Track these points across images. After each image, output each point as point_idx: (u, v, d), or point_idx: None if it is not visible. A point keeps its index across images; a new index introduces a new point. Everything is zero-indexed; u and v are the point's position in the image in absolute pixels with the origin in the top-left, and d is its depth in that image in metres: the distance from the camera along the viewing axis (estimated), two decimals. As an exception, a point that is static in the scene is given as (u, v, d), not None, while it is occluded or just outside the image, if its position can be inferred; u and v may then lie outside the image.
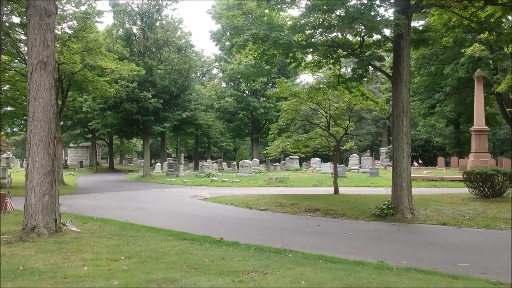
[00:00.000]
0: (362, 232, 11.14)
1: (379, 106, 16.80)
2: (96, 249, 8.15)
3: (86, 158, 55.62)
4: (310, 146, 19.34)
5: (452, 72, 30.51)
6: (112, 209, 16.21)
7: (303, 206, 15.59)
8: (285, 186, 25.06)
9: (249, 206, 16.50)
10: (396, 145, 12.87)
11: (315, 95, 17.06)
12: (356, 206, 14.73)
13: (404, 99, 12.71)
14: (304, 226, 12.06)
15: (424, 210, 13.39)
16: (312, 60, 16.80)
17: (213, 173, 32.26)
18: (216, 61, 47.43)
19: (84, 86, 26.82)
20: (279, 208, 15.81)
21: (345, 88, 15.90)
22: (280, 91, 17.66)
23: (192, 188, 26.19)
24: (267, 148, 19.70)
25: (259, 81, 40.69)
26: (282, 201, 16.73)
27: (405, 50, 12.67)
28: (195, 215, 14.38)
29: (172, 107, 36.74)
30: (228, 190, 24.04)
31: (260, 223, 12.79)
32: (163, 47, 35.04)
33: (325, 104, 18.21)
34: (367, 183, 24.58)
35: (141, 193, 23.03)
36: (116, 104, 32.84)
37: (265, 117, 42.05)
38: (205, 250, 8.63)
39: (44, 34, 9.08)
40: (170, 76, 34.83)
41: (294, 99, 18.29)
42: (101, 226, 11.73)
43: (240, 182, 27.46)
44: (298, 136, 18.77)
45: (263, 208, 15.95)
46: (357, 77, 13.77)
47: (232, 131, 47.05)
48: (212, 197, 19.91)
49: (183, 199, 19.47)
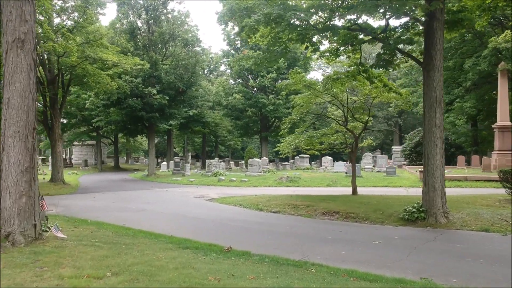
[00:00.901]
0: (393, 239, 9.62)
1: (403, 98, 15.23)
2: (79, 262, 6.76)
3: (91, 156, 54.56)
4: (325, 142, 17.84)
5: (473, 65, 28.77)
6: (110, 210, 14.85)
7: (319, 208, 14.09)
8: (297, 186, 23.56)
9: (259, 208, 15.05)
10: (428, 139, 11.32)
11: (332, 87, 15.54)
12: (379, 208, 13.20)
13: (437, 87, 11.16)
14: (324, 232, 10.57)
15: (459, 213, 11.82)
16: (329, 48, 15.29)
17: (221, 172, 30.86)
18: (224, 57, 46.01)
19: (85, 81, 25.58)
20: (292, 210, 14.33)
21: (366, 78, 14.37)
22: (293, 83, 16.16)
23: (198, 187, 24.80)
24: (279, 145, 18.22)
25: (268, 77, 39.24)
26: (295, 203, 15.25)
27: (439, 32, 11.12)
28: (200, 218, 12.96)
29: (178, 103, 35.38)
30: (237, 190, 22.61)
31: (273, 227, 11.32)
32: (169, 41, 33.70)
33: (342, 97, 16.70)
34: (385, 183, 22.98)
35: (143, 193, 21.68)
36: (120, 100, 31.58)
37: (274, 114, 40.55)
38: (210, 262, 7.20)
39: (21, 6, 7.69)
40: (176, 71, 33.47)
41: (308, 91, 16.79)
42: (93, 231, 10.35)
43: (249, 182, 26.01)
44: (312, 132, 17.27)
45: (275, 210, 14.48)
46: (383, 64, 12.24)
47: (240, 129, 45.58)
48: (220, 198, 18.50)
49: (188, 200, 18.08)
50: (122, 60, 25.05)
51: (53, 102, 25.76)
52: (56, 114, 25.76)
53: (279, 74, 40.12)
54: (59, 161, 26.06)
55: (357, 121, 16.80)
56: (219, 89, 42.02)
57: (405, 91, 15.24)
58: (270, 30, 12.69)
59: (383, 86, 14.75)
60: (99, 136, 48.21)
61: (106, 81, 24.24)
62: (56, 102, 25.82)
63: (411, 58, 12.86)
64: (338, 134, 17.74)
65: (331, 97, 16.77)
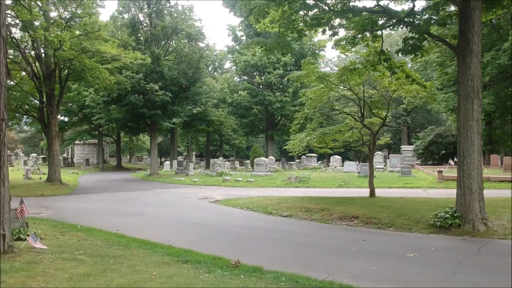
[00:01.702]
0: (429, 251, 8.20)
1: (427, 91, 13.79)
2: (53, 283, 5.43)
3: (93, 156, 53.31)
4: (339, 140, 16.43)
5: (492, 60, 27.19)
6: (105, 214, 13.53)
7: (335, 212, 12.70)
8: (307, 187, 22.16)
9: (269, 212, 13.67)
10: (464, 135, 9.89)
11: (348, 78, 14.12)
12: (404, 213, 11.78)
13: (474, 75, 9.73)
14: (345, 241, 9.17)
15: (498, 219, 10.39)
16: (345, 36, 13.87)
17: (225, 172, 29.50)
18: (228, 53, 44.63)
19: (83, 75, 24.30)
20: (306, 214, 12.94)
21: (387, 68, 12.96)
22: (305, 74, 14.74)
23: (202, 188, 23.46)
24: (288, 143, 16.83)
25: (275, 73, 37.81)
26: (308, 206, 13.86)
27: (476, 12, 9.69)
28: (203, 223, 11.60)
29: (181, 100, 34.06)
30: (243, 191, 21.25)
31: (287, 235, 9.93)
32: (172, 36, 32.37)
33: (358, 90, 15.28)
34: (400, 184, 21.51)
35: (143, 194, 20.37)
36: (121, 97, 30.29)
37: (281, 112, 39.10)
38: (215, 282, 5.85)
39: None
40: (179, 67, 32.13)
41: (320, 84, 15.38)
42: (81, 239, 9.03)
43: (255, 182, 24.64)
44: (326, 129, 15.85)
45: (286, 214, 13.10)
46: (410, 49, 10.79)
47: (246, 127, 44.13)
48: (225, 200, 17.14)
49: (191, 202, 16.73)
50: (122, 54, 23.76)
51: (50, 98, 24.50)
52: (53, 110, 24.50)
53: (285, 70, 38.67)
54: (56, 160, 24.81)
55: (375, 116, 15.37)
56: (224, 86, 40.61)
57: (429, 84, 13.78)
58: (282, 13, 11.30)
59: (405, 78, 13.32)
60: (100, 134, 47.02)
61: (105, 76, 22.94)
62: (53, 98, 24.56)
63: (443, 43, 11.45)
64: (353, 131, 16.34)
65: (346, 90, 15.36)
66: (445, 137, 34.18)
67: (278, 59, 38.06)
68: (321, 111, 15.92)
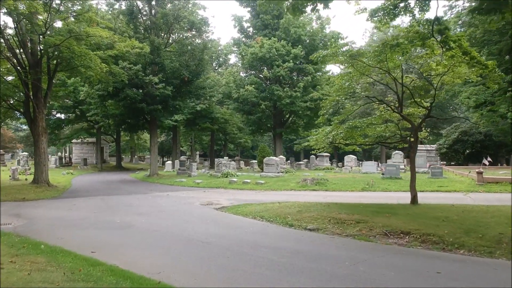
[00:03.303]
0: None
1: (488, 72, 11.01)
2: None
3: (92, 155, 50.68)
4: (371, 135, 13.68)
5: (529, 47, 24.28)
6: (85, 226, 10.84)
7: (376, 225, 9.95)
8: (325, 190, 19.43)
9: (289, 223, 10.93)
10: None
11: (387, 58, 11.36)
12: (470, 228, 9.00)
13: None
14: (410, 274, 6.41)
15: None
16: (382, 6, 11.13)
17: (232, 173, 26.82)
18: (234, 45, 41.89)
19: (73, 64, 21.69)
20: (337, 227, 10.20)
21: (440, 43, 10.20)
22: (331, 54, 11.99)
23: (206, 191, 20.78)
24: (310, 139, 14.06)
25: (284, 66, 35.02)
26: (338, 216, 11.12)
27: None
28: (207, 242, 8.87)
29: (183, 95, 31.37)
30: (252, 195, 18.56)
31: (324, 263, 7.17)
32: (174, 25, 29.67)
33: (397, 74, 12.54)
34: (434, 187, 18.71)
35: (139, 198, 17.68)
36: (117, 91, 27.64)
37: (291, 108, 36.28)
38: None
39: None
40: (180, 58, 29.44)
41: (348, 69, 12.62)
42: (34, 270, 6.33)
43: (266, 184, 21.91)
44: (355, 121, 13.09)
45: (312, 227, 10.36)
46: (490, 10, 7.93)
47: (252, 125, 41.34)
48: (233, 206, 14.44)
49: (193, 209, 14.01)
50: (116, 39, 21.13)
51: (36, 90, 21.92)
52: (39, 104, 21.91)
53: (296, 63, 35.93)
54: (43, 159, 22.18)
55: (418, 105, 12.58)
56: (230, 79, 37.84)
57: (491, 63, 11.01)
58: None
59: (462, 55, 10.55)
60: (99, 133, 44.47)
61: (96, 63, 20.27)
62: (39, 90, 21.97)
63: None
64: (387, 125, 13.58)
65: (382, 74, 12.62)
66: (471, 135, 31.34)
67: (288, 51, 35.27)
68: (353, 98, 13.14)
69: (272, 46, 34.84)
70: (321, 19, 39.09)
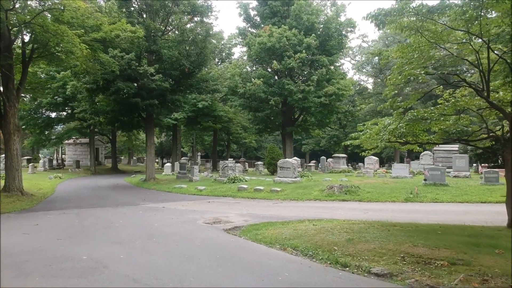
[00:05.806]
0: None
1: None
2: None
3: (86, 157, 47.02)
4: (439, 130, 9.95)
5: None
6: (31, 269, 7.04)
7: (484, 269, 6.23)
8: (359, 201, 15.70)
9: (340, 261, 7.16)
10: None
11: (480, 18, 7.64)
12: None
13: None
14: None
15: None
16: None
17: (240, 178, 23.11)
18: (239, 35, 38.15)
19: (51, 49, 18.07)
20: (421, 272, 6.44)
21: None
22: (397, 10, 8.25)
23: (210, 201, 17.09)
24: (355, 134, 10.30)
25: (296, 57, 31.27)
26: (413, 250, 7.39)
27: None
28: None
29: (183, 88, 27.69)
30: (269, 206, 14.85)
31: None
32: (172, 8, 25.99)
33: (479, 48, 8.82)
34: (495, 198, 14.89)
35: (125, 213, 13.91)
36: (108, 84, 23.97)
37: (302, 104, 32.52)
38: None
39: None
40: (180, 46, 25.77)
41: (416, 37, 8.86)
42: None
43: (282, 193, 18.18)
44: (420, 111, 9.39)
45: (380, 272, 6.59)
46: None
47: (259, 123, 37.57)
48: (249, 226, 10.72)
49: (195, 232, 10.23)
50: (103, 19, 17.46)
51: (7, 80, 18.28)
52: (10, 96, 18.25)
53: (309, 54, 32.20)
54: (15, 163, 18.49)
55: (509, 89, 8.87)
56: (236, 71, 34.05)
57: None
58: None
59: None
60: (92, 132, 40.82)
61: (79, 47, 16.58)
62: (10, 80, 18.32)
63: None
64: (463, 116, 9.86)
65: (459, 45, 8.90)
66: None
67: (300, 41, 31.51)
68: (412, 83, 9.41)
69: (282, 35, 31.11)
70: (336, 6, 35.40)
